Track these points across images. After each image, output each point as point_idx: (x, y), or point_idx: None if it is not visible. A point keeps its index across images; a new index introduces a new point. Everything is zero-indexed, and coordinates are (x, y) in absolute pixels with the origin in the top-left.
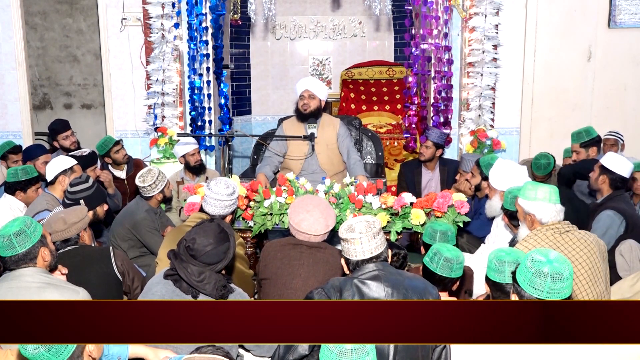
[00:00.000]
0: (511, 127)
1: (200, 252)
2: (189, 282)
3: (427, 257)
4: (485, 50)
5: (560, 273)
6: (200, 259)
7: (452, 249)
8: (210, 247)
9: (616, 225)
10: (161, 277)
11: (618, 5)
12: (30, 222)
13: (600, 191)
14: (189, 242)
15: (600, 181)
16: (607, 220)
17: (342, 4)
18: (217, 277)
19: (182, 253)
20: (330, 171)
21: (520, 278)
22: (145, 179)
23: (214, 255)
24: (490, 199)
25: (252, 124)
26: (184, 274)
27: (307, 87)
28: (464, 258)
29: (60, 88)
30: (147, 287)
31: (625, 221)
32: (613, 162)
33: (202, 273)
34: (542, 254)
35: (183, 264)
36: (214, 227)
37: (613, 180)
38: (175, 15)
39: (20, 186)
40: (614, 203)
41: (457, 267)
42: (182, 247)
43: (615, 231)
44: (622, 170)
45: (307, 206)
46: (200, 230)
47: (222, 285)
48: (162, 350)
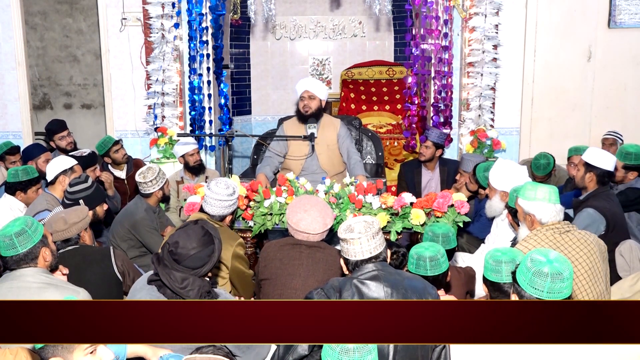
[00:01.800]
0: (511, 127)
1: (183, 257)
2: (172, 288)
3: (411, 265)
4: (485, 50)
5: (560, 273)
6: (184, 263)
7: (429, 246)
8: (194, 250)
9: (596, 224)
10: (144, 283)
11: (618, 5)
12: (31, 222)
13: (585, 188)
14: (172, 245)
15: (587, 179)
16: (587, 218)
17: (342, 4)
18: (200, 283)
19: (165, 257)
20: (331, 171)
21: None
22: (145, 175)
23: (197, 259)
24: (491, 199)
25: (252, 124)
26: (167, 280)
27: (306, 88)
28: (443, 248)
29: (60, 88)
30: (131, 292)
31: (606, 220)
32: (596, 157)
33: (185, 279)
34: (542, 254)
35: (166, 270)
36: (198, 229)
37: (600, 176)
38: (175, 15)
39: (20, 186)
40: (596, 201)
41: (443, 261)
42: (166, 251)
43: (594, 230)
44: (606, 165)
45: (305, 206)
46: (183, 234)
47: (206, 291)
48: (161, 350)
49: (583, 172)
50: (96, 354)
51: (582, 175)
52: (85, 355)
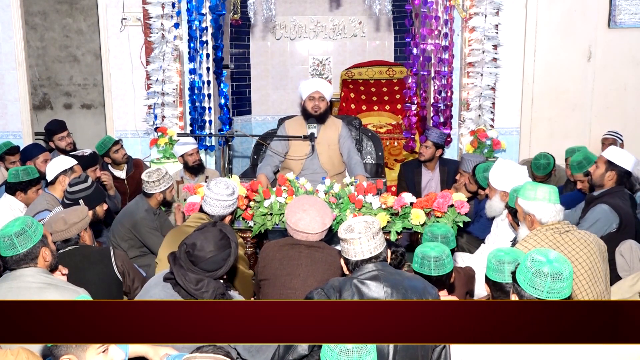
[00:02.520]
0: (511, 127)
1: (200, 259)
2: (186, 289)
3: (415, 264)
4: (485, 50)
5: (560, 273)
6: (200, 265)
7: (435, 246)
8: (211, 254)
9: (608, 221)
10: (160, 279)
11: (618, 5)
12: (31, 222)
13: (602, 186)
14: (189, 247)
15: (608, 177)
16: (600, 213)
17: (342, 4)
18: (215, 285)
19: (181, 258)
20: (331, 171)
21: (520, 278)
22: (151, 174)
23: (213, 263)
24: (491, 199)
25: (252, 124)
26: (182, 280)
27: (318, 89)
28: (448, 249)
29: (60, 88)
30: (145, 288)
31: (620, 219)
32: (618, 156)
33: (200, 281)
34: (542, 254)
35: (181, 271)
36: (216, 232)
37: (620, 175)
38: (175, 15)
39: (21, 187)
40: (612, 199)
41: (448, 262)
42: (182, 251)
43: (604, 225)
44: (627, 164)
45: (304, 206)
46: (201, 236)
47: (220, 293)
48: (162, 348)
49: (604, 170)
50: (108, 353)
51: (602, 172)
52: (98, 354)
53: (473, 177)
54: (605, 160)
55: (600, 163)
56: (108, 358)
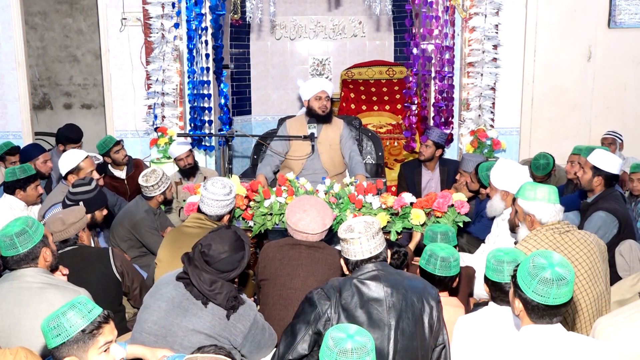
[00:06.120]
0: (511, 127)
1: (214, 259)
2: (200, 289)
3: (423, 260)
4: (485, 50)
5: (565, 277)
6: (214, 265)
7: (445, 247)
8: (226, 254)
9: (608, 227)
10: (173, 278)
11: (618, 5)
12: (32, 222)
13: (592, 191)
14: (205, 247)
15: (595, 183)
16: (599, 221)
17: (342, 3)
18: (229, 288)
19: (196, 258)
20: (332, 171)
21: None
22: (148, 178)
23: (228, 264)
24: (491, 198)
25: (252, 124)
26: (196, 281)
27: (324, 88)
28: (459, 255)
29: (60, 88)
30: (157, 285)
31: (619, 221)
32: (603, 160)
33: (214, 282)
34: (544, 257)
35: (196, 271)
36: (231, 234)
37: (607, 179)
38: (175, 15)
39: (19, 185)
40: (607, 203)
41: (454, 265)
42: (197, 251)
43: (605, 232)
44: (613, 168)
45: (304, 206)
46: (216, 237)
47: (233, 296)
48: (160, 350)
49: (590, 176)
50: (109, 352)
51: (589, 178)
52: (99, 354)
53: (476, 175)
54: (591, 165)
55: (587, 168)
56: (110, 357)
